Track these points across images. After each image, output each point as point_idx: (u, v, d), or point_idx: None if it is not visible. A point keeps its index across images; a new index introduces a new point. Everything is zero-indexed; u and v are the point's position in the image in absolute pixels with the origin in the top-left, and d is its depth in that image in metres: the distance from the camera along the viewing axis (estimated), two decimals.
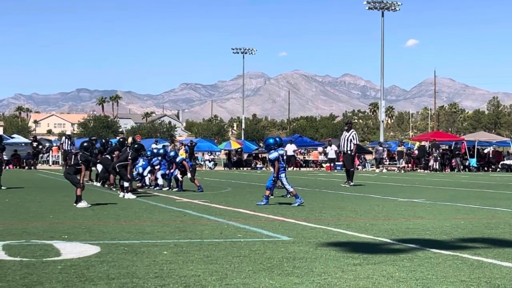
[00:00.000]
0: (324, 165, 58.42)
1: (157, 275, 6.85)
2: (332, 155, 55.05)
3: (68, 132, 43.63)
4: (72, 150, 36.50)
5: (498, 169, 55.68)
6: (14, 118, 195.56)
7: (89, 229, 11.04)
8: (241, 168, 56.81)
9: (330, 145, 55.68)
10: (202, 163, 60.83)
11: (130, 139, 23.03)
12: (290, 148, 53.55)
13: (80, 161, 16.44)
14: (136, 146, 20.62)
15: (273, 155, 16.81)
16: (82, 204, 15.69)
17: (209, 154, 67.49)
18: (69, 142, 37.82)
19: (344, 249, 8.84)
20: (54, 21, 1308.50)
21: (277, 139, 17.56)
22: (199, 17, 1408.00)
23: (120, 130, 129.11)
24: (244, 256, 8.20)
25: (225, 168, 57.73)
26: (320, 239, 9.92)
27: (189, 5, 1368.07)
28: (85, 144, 17.52)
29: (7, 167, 47.40)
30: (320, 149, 63.51)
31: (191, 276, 6.83)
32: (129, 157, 19.60)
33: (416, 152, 57.02)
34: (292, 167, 52.46)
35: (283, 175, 16.85)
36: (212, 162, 60.41)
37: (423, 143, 60.66)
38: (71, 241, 9.48)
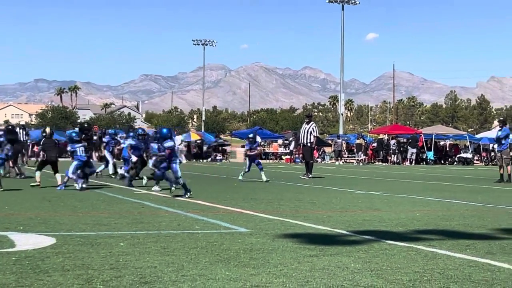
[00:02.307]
0: (283, 157, 58.54)
1: (113, 267, 6.82)
2: (293, 147, 55.13)
3: (22, 122, 43.12)
4: (27, 141, 36.09)
5: (455, 162, 56.33)
6: None
7: (45, 220, 10.95)
8: (201, 160, 56.70)
9: (294, 137, 55.72)
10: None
11: (48, 129, 21.93)
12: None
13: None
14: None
15: (169, 144, 17.03)
16: None
17: None
18: (24, 133, 37.38)
19: (301, 240, 8.88)
20: (11, 9, 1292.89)
21: (171, 129, 18.20)
22: (160, 8, 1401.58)
23: (79, 121, 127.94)
24: (201, 247, 8.19)
25: (185, 160, 57.52)
26: (278, 230, 9.96)
27: None
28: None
29: None
30: (280, 141, 63.59)
31: (147, 267, 6.81)
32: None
33: (375, 145, 57.42)
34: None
35: (175, 164, 17.07)
36: None
37: (381, 136, 61.15)
38: (26, 233, 9.39)
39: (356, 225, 10.85)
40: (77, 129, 21.16)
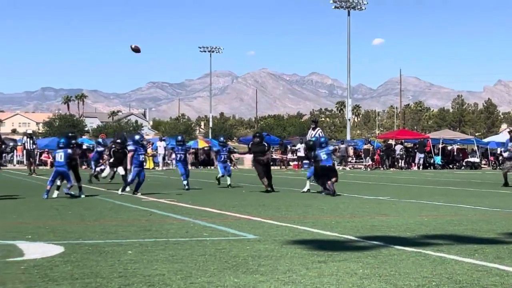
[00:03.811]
0: (291, 163, 58.50)
1: (121, 275, 6.83)
2: (301, 153, 55.10)
3: (30, 131, 43.28)
4: (35, 149, 36.20)
5: (463, 167, 56.23)
6: None
7: (53, 229, 10.97)
8: (209, 167, 56.69)
9: (301, 143, 55.71)
10: (169, 162, 60.56)
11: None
12: None
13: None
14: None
15: (131, 147, 20.51)
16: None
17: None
18: (31, 141, 37.53)
19: (310, 246, 8.88)
20: (18, 18, 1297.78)
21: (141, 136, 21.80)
22: (166, 16, 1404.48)
23: (86, 129, 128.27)
24: (210, 254, 8.20)
25: (192, 167, 57.60)
26: (286, 237, 9.96)
27: (156, 3, 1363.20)
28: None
29: None
30: (287, 147, 63.50)
31: (156, 275, 6.81)
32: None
33: (382, 150, 57.35)
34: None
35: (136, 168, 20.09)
36: None
37: (389, 141, 61.09)
38: (35, 241, 9.40)
39: (364, 230, 10.84)
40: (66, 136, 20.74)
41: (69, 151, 18.89)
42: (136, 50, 21.67)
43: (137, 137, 21.67)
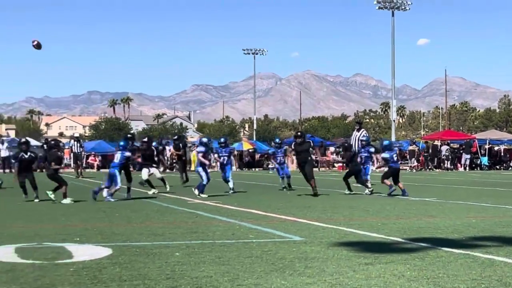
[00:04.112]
0: (336, 165, 58.29)
1: (169, 277, 6.88)
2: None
3: (77, 134, 43.77)
4: (82, 152, 36.59)
5: (510, 167, 55.47)
6: (25, 121, 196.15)
7: (101, 231, 11.09)
8: (253, 169, 56.79)
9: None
10: (214, 164, 60.73)
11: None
12: None
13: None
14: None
15: (200, 148, 20.60)
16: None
17: None
18: (78, 145, 37.96)
19: (356, 248, 8.85)
20: (65, 23, 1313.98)
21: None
22: (210, 19, 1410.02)
23: (132, 131, 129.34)
24: (256, 256, 8.22)
25: (237, 169, 57.74)
26: (332, 239, 9.94)
27: (200, 7, 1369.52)
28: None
29: None
30: (332, 149, 63.32)
31: (203, 277, 6.85)
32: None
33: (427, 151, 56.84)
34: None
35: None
36: None
37: (435, 142, 60.50)
38: (83, 244, 9.52)
39: (411, 232, 10.76)
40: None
41: (127, 153, 19.22)
42: (38, 46, 21.63)
43: (204, 139, 21.60)
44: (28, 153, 18.62)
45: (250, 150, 61.61)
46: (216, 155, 23.15)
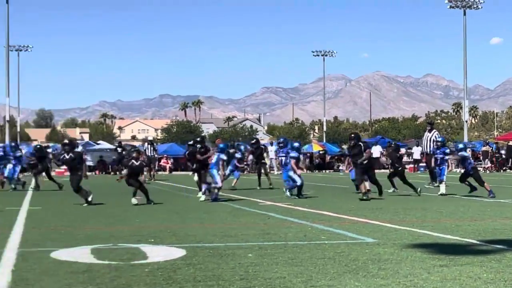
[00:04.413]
0: (407, 166, 57.65)
1: (243, 277, 6.92)
2: (417, 156, 54.36)
3: (150, 138, 44.26)
4: (155, 156, 36.99)
5: None
6: (99, 125, 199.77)
7: (175, 232, 11.21)
8: (324, 171, 56.63)
9: (417, 146, 54.90)
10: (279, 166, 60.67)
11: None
12: (376, 150, 52.90)
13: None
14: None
15: (293, 154, 20.29)
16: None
17: None
18: (151, 148, 38.40)
19: (430, 250, 8.75)
20: (137, 28, 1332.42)
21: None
22: (279, 21, 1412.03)
23: (202, 134, 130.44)
24: (329, 258, 8.20)
25: (307, 171, 57.63)
26: (405, 240, 9.84)
27: (270, 9, 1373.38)
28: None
29: (93, 173, 48.46)
30: (402, 150, 62.67)
31: (276, 278, 6.87)
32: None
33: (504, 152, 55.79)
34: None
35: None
36: None
37: (510, 142, 59.29)
38: (158, 245, 9.64)
39: (487, 234, 10.59)
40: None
41: (222, 156, 19.49)
42: None
43: (296, 144, 21.40)
44: (69, 154, 18.72)
45: (321, 152, 61.44)
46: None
